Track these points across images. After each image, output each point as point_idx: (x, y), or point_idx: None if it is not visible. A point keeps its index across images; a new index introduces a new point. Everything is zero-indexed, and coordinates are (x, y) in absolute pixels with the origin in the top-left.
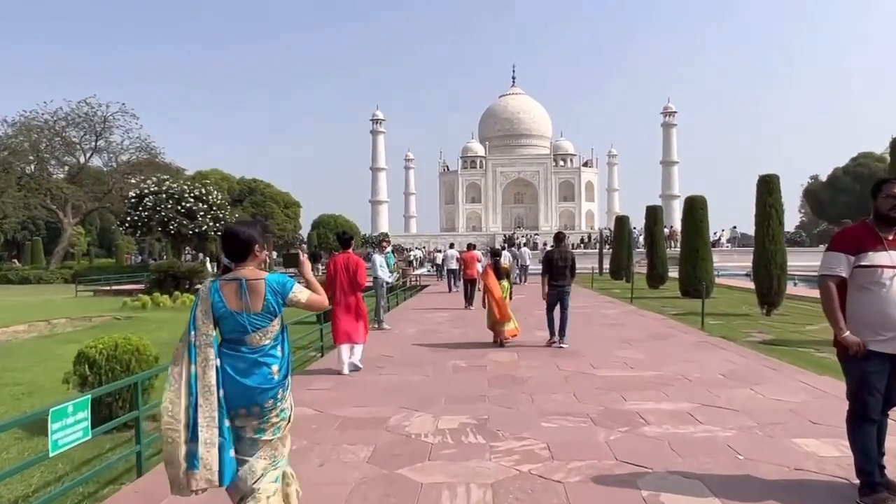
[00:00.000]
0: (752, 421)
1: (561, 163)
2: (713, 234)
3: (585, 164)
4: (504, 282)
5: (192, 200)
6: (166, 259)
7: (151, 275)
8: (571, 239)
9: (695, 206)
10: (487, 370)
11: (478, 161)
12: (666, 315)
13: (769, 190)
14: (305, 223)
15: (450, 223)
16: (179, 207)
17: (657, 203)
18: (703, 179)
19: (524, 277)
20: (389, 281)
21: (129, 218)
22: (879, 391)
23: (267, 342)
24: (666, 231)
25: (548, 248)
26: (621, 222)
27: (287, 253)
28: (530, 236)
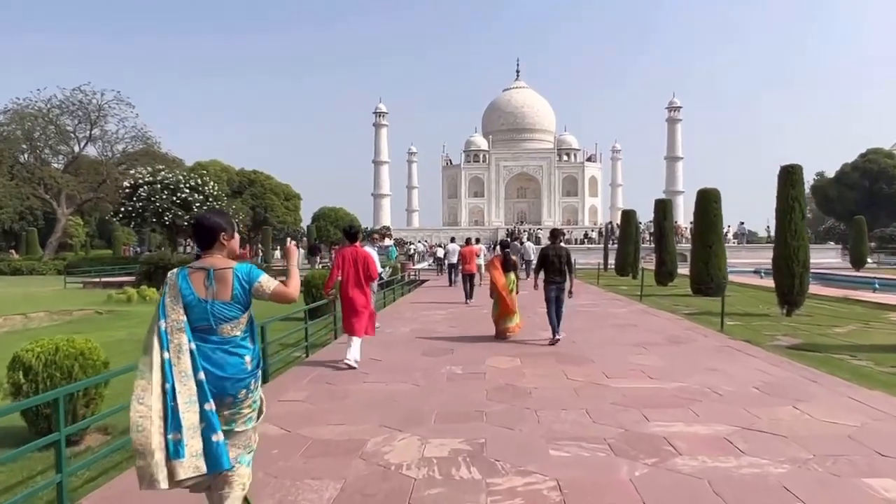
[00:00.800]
0: (807, 452)
1: (564, 158)
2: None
3: (589, 160)
4: (511, 275)
5: (188, 191)
6: (163, 251)
7: (142, 267)
8: (574, 234)
9: (708, 200)
10: (486, 379)
11: (481, 155)
12: (680, 315)
13: (792, 182)
14: (306, 216)
15: (452, 217)
16: (175, 198)
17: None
18: (708, 175)
19: (529, 273)
20: (382, 276)
21: (123, 208)
22: None
23: (237, 333)
24: None
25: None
26: (628, 217)
27: (312, 244)
28: (532, 231)
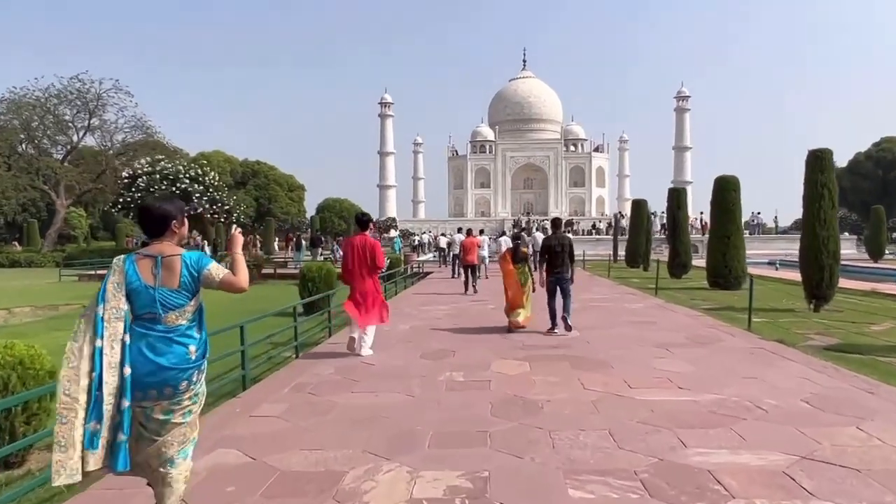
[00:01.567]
0: (891, 493)
1: (571, 148)
2: None
3: (596, 150)
4: (526, 268)
5: (188, 181)
6: None
7: None
8: (582, 225)
9: (726, 188)
10: (491, 388)
11: (487, 146)
12: (699, 310)
13: (821, 167)
14: (310, 207)
15: (458, 208)
16: (174, 189)
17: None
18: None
19: (536, 265)
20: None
21: (122, 199)
22: None
23: (183, 322)
24: None
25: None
26: (639, 207)
27: (314, 236)
28: (539, 222)
